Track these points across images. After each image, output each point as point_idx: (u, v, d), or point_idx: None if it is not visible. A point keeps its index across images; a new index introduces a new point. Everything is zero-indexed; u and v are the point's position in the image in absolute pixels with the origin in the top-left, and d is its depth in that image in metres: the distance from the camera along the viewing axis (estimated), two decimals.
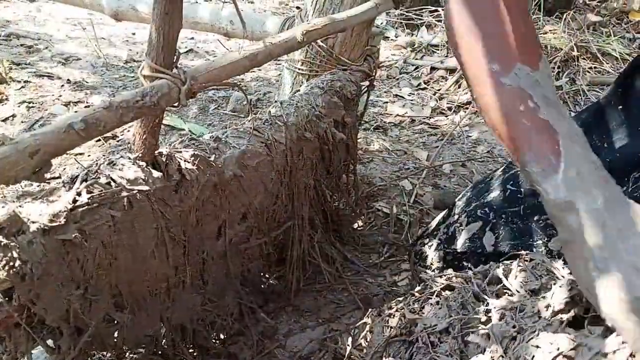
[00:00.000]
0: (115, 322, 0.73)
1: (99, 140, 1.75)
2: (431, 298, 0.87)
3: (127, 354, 0.82)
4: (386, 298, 1.19)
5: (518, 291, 0.80)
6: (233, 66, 0.71)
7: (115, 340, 0.73)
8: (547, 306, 0.70)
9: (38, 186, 0.66)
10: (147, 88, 0.60)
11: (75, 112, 0.91)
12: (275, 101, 1.16)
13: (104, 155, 1.68)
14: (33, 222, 0.59)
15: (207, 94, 2.14)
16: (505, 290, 0.82)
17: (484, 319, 0.75)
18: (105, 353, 0.77)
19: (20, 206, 0.61)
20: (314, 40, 0.97)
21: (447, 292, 0.88)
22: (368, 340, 0.91)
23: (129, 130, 1.80)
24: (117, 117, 0.55)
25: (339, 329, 1.09)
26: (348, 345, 0.92)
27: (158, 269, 0.77)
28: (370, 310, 0.95)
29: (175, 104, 0.63)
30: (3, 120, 1.83)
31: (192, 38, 2.90)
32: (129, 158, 0.73)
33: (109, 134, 1.75)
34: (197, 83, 0.64)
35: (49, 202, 0.63)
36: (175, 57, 0.62)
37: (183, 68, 0.64)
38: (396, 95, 2.36)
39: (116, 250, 0.67)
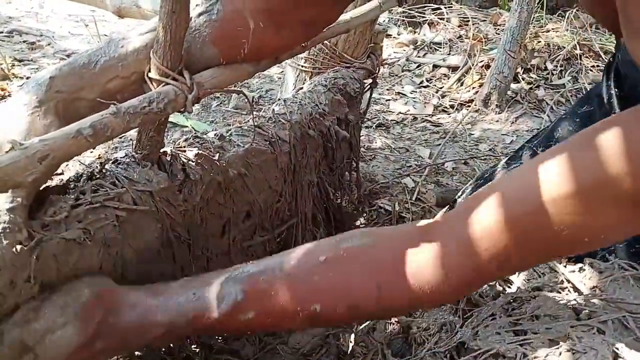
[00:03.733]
0: None
1: None
2: None
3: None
4: None
5: (520, 288, 0.80)
6: (238, 72, 0.72)
7: None
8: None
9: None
10: (153, 94, 0.60)
11: None
12: (279, 99, 1.16)
13: (107, 153, 1.68)
14: (33, 220, 0.59)
15: None
16: (504, 291, 0.83)
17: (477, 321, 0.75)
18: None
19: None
20: (317, 44, 0.97)
21: None
22: (370, 337, 0.92)
23: None
24: (124, 123, 0.56)
25: (341, 326, 1.09)
26: (351, 342, 0.92)
27: (164, 269, 0.77)
28: None
29: (181, 110, 0.64)
30: None
31: None
32: (134, 157, 0.74)
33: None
34: (202, 89, 0.65)
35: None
36: (181, 58, 0.62)
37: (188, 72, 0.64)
38: (398, 93, 2.36)
39: (122, 250, 0.68)
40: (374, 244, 0.64)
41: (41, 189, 0.63)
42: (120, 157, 0.73)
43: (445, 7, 3.00)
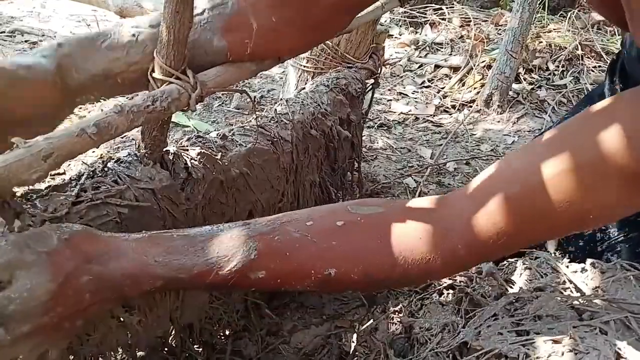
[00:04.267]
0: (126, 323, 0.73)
1: None
2: (432, 298, 0.87)
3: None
4: (390, 295, 1.19)
5: (522, 289, 0.80)
6: (242, 71, 0.72)
7: (129, 342, 0.74)
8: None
9: (43, 182, 0.66)
10: (157, 93, 0.60)
11: (80, 108, 0.92)
12: (281, 99, 1.17)
13: (108, 152, 1.68)
14: (33, 216, 0.59)
15: None
16: (506, 291, 0.83)
17: (479, 321, 0.75)
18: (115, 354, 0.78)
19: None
20: (320, 43, 0.97)
21: (450, 291, 0.89)
22: (372, 337, 0.92)
23: None
24: (128, 122, 0.56)
25: (343, 325, 1.09)
26: (353, 341, 0.92)
27: None
28: (374, 307, 0.96)
29: (185, 109, 0.64)
30: None
31: None
32: (136, 156, 0.74)
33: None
34: (206, 88, 0.65)
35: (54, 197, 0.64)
36: (184, 58, 0.63)
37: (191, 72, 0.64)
38: (400, 93, 2.36)
39: None
40: (390, 214, 0.65)
41: (44, 186, 0.64)
42: (123, 156, 0.73)
43: (447, 8, 3.00)
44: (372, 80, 1.36)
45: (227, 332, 1.02)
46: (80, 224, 0.62)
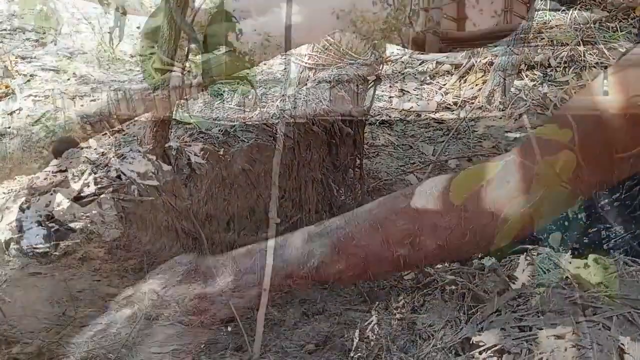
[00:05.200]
0: None
1: (105, 133, 1.75)
2: (434, 294, 0.87)
3: None
4: (392, 292, 1.19)
5: (524, 284, 0.80)
6: (242, 61, 0.71)
7: None
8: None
9: (45, 179, 0.66)
10: (159, 81, 0.60)
11: (82, 105, 0.92)
12: (283, 95, 1.16)
13: (110, 149, 1.68)
14: (37, 212, 0.59)
15: (213, 87, 2.14)
16: (509, 287, 0.83)
17: (481, 318, 0.75)
18: None
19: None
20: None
21: (453, 287, 0.88)
22: (375, 333, 0.91)
23: (134, 124, 1.81)
24: (130, 110, 0.56)
25: (345, 322, 1.09)
26: (355, 338, 0.92)
27: None
28: (377, 303, 0.95)
29: (187, 97, 0.64)
30: (9, 114, 1.84)
31: None
32: (139, 151, 0.74)
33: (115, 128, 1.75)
34: (207, 77, 0.65)
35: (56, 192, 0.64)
36: (186, 50, 0.62)
37: (194, 61, 0.64)
38: (402, 90, 2.35)
39: (129, 241, 0.68)
40: (412, 197, 0.82)
41: (46, 183, 0.63)
42: (126, 152, 0.74)
43: None
44: (373, 77, 1.36)
45: (229, 329, 1.02)
46: (84, 219, 0.62)
